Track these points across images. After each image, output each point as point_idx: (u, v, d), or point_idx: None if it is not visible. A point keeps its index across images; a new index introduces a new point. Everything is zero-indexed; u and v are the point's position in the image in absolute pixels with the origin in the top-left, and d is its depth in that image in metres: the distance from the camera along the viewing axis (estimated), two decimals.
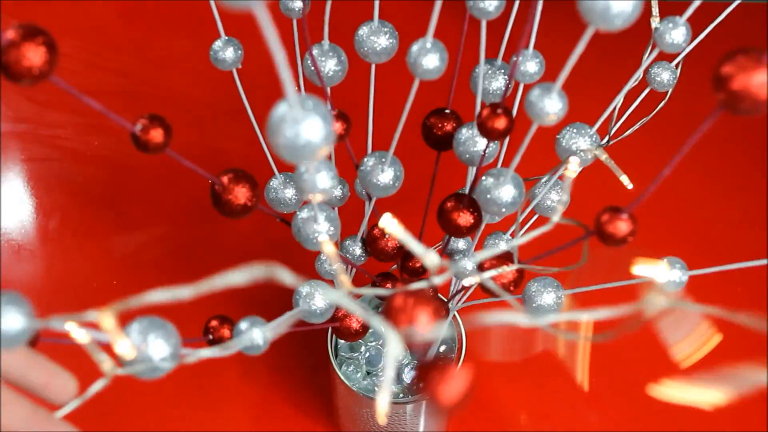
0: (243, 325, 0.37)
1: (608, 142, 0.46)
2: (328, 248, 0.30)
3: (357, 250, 0.45)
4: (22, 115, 0.82)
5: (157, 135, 0.33)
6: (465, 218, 0.39)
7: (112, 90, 0.83)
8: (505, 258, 0.40)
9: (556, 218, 0.32)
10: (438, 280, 0.29)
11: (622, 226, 0.33)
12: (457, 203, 0.39)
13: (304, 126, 0.23)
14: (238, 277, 0.23)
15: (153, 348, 0.28)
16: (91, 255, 0.73)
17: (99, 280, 0.70)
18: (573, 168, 0.31)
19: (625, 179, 0.33)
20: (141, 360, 0.27)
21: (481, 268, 0.41)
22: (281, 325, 0.35)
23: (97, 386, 0.29)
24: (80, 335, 0.26)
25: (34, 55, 0.26)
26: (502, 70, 0.41)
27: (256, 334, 0.35)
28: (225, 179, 0.34)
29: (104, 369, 0.28)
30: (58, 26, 0.85)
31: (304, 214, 0.37)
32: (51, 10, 0.87)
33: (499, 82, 0.40)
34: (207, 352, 0.31)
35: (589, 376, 0.66)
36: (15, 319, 0.25)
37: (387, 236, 0.44)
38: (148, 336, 0.28)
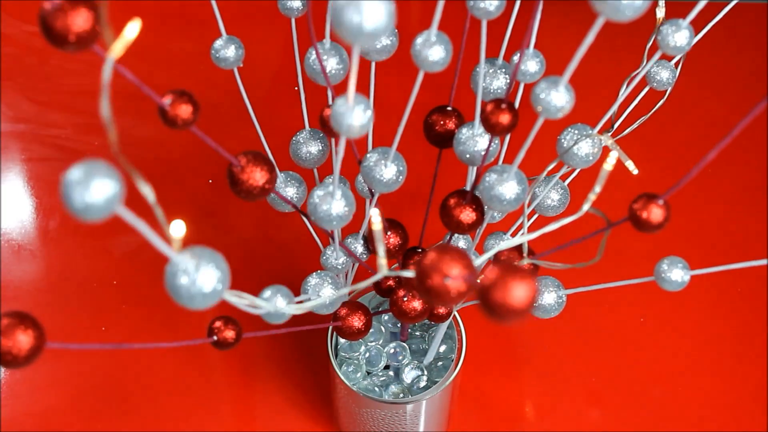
0: (267, 293, 0.37)
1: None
2: (376, 221, 0.30)
3: (359, 247, 0.45)
4: (22, 115, 0.82)
5: (185, 110, 0.33)
6: (467, 215, 0.39)
7: (112, 90, 0.83)
8: (516, 251, 0.41)
9: (586, 207, 0.33)
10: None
11: (657, 213, 0.34)
12: (460, 200, 0.39)
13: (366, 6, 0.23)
14: None
15: (203, 275, 0.28)
16: (91, 255, 0.73)
17: (99, 280, 0.70)
18: (611, 161, 0.31)
19: (630, 164, 0.34)
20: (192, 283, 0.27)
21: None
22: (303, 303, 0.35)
23: None
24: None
25: (80, 20, 0.27)
26: (503, 69, 0.41)
27: (279, 301, 0.35)
28: (243, 160, 0.35)
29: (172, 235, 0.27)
30: None
31: (320, 191, 0.37)
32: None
33: (500, 81, 0.41)
34: (260, 303, 0.31)
35: (590, 375, 0.67)
36: (105, 186, 0.24)
37: (389, 234, 0.44)
38: (201, 262, 0.28)
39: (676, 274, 0.39)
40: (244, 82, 0.43)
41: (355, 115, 0.30)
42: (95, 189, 0.24)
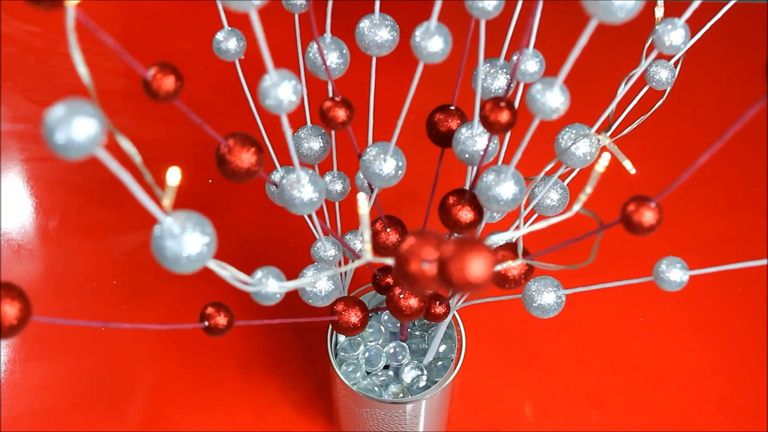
0: (259, 273, 0.37)
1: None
2: (363, 206, 0.29)
3: (358, 244, 0.45)
4: (22, 115, 0.82)
5: (168, 82, 0.32)
6: (465, 214, 0.39)
7: (112, 90, 0.83)
8: (511, 251, 0.41)
9: (577, 207, 0.32)
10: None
11: (649, 216, 0.34)
12: (458, 199, 0.39)
13: None
14: None
15: (188, 239, 0.27)
16: (91, 255, 0.73)
17: (99, 280, 0.70)
18: (603, 163, 0.31)
19: (628, 164, 0.33)
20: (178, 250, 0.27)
21: None
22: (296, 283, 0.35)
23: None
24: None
25: None
26: (504, 69, 0.41)
27: (271, 284, 0.35)
28: (231, 141, 0.35)
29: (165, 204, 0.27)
30: (59, 26, 0.85)
31: (289, 175, 0.37)
32: (51, 10, 0.87)
33: (500, 81, 0.41)
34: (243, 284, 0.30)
35: (590, 375, 0.67)
36: (87, 125, 0.24)
37: (388, 230, 0.44)
38: (187, 225, 0.27)
39: (674, 274, 0.39)
40: (246, 78, 0.43)
41: (281, 89, 0.30)
42: (77, 127, 0.24)
